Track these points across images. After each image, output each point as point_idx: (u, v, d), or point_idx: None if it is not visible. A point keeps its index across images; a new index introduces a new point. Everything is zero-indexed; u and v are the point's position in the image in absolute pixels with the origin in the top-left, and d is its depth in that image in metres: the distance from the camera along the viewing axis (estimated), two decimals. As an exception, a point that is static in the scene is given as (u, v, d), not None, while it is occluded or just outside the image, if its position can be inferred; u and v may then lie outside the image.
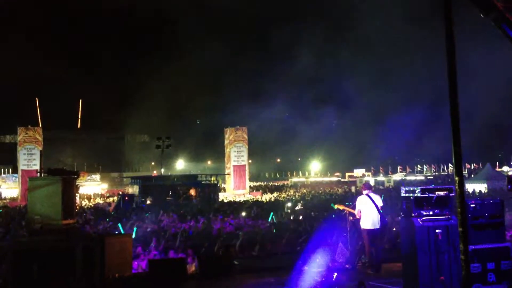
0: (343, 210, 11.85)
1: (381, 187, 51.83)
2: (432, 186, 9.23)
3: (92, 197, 45.49)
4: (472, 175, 51.26)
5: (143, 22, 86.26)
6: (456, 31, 5.21)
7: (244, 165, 48.75)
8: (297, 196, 39.21)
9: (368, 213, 10.79)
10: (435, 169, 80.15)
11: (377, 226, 10.81)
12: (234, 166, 48.21)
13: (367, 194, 11.03)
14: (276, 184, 67.89)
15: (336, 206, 12.77)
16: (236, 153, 48.69)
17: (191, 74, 76.28)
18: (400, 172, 78.02)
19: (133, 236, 14.37)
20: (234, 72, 79.55)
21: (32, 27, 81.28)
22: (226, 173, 49.60)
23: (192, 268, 10.59)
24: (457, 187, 4.85)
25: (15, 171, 52.85)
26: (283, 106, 66.10)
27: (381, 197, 11.56)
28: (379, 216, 10.81)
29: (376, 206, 10.81)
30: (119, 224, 17.23)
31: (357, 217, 11.07)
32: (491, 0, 5.55)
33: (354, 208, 11.42)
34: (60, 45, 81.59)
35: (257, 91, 72.65)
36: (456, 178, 4.82)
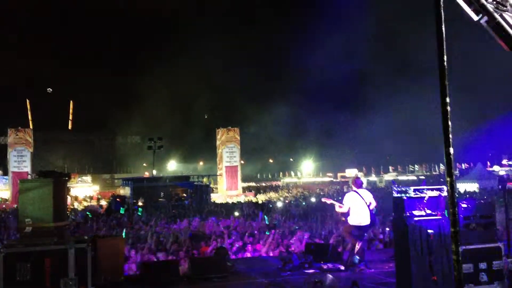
0: (331, 204, 11.82)
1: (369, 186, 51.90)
2: (424, 186, 9.26)
3: (81, 198, 45.21)
4: (464, 175, 51.51)
5: (135, 22, 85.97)
6: (446, 31, 5.22)
7: (236, 166, 48.68)
8: (290, 197, 39.28)
9: (356, 209, 10.77)
10: (426, 169, 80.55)
11: (366, 223, 10.79)
12: (226, 167, 48.14)
13: (355, 191, 11.00)
14: (268, 184, 67.89)
15: (324, 200, 12.80)
16: (228, 153, 48.62)
17: (183, 75, 76.12)
18: (392, 172, 78.32)
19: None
20: (227, 73, 79.49)
21: (22, 27, 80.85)
22: (218, 174, 49.54)
23: (184, 270, 10.55)
24: (448, 187, 4.86)
25: (5, 173, 52.51)
26: (275, 107, 66.17)
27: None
28: (369, 212, 10.78)
29: (366, 203, 10.79)
30: (123, 231, 17.13)
31: (345, 211, 10.98)
32: (481, 2, 5.57)
33: (341, 203, 11.32)
34: (50, 45, 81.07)
35: (250, 92, 72.65)
36: (448, 179, 4.83)
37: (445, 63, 4.80)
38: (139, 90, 76.42)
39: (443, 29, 4.81)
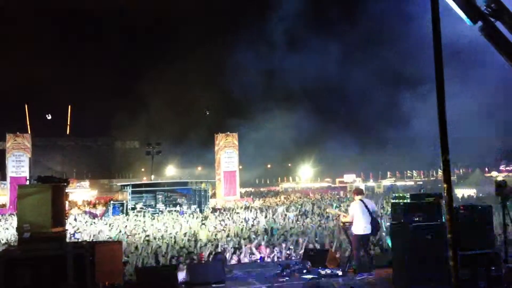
0: (337, 215, 11.88)
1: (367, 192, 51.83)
2: (422, 191, 9.31)
3: (81, 204, 45.15)
4: (462, 180, 51.57)
5: (135, 26, 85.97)
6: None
7: (235, 171, 48.64)
8: (287, 202, 39.26)
9: (361, 219, 10.80)
10: (424, 174, 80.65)
11: (369, 231, 10.86)
12: (224, 172, 48.08)
13: (360, 200, 11.06)
14: (267, 189, 67.87)
15: (328, 210, 12.82)
16: (227, 159, 48.57)
17: (182, 80, 76.26)
18: (390, 177, 78.39)
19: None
20: (226, 78, 79.57)
21: (19, 31, 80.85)
22: (216, 179, 49.49)
23: (182, 275, 10.56)
24: (445, 194, 4.91)
25: (3, 178, 52.39)
26: (274, 113, 66.24)
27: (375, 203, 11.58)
28: (372, 220, 10.82)
29: (369, 211, 10.85)
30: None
31: (350, 220, 11.07)
32: (478, 9, 5.64)
33: (346, 213, 11.44)
34: (49, 49, 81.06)
35: (249, 97, 72.72)
36: (445, 185, 4.88)
37: (443, 71, 4.86)
38: (138, 96, 76.62)
39: (440, 38, 4.87)
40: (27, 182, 13.29)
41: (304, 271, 10.99)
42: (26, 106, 75.36)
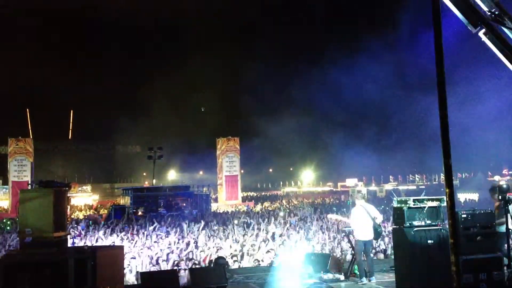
0: (338, 220, 11.85)
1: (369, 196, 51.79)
2: (424, 196, 9.28)
3: (83, 208, 45.19)
4: (464, 185, 51.48)
5: (136, 31, 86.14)
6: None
7: (236, 175, 48.62)
8: (288, 207, 39.21)
9: (362, 224, 10.73)
10: (426, 178, 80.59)
11: (371, 237, 10.79)
12: (226, 176, 48.06)
13: (361, 205, 10.99)
14: (269, 193, 67.84)
15: (330, 216, 12.79)
16: (228, 163, 48.56)
17: (184, 85, 76.31)
18: (392, 181, 78.31)
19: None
20: (228, 83, 79.70)
21: (20, 34, 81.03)
22: (218, 183, 49.49)
23: (184, 280, 10.54)
24: (447, 198, 4.89)
25: (5, 182, 52.45)
26: (276, 117, 66.28)
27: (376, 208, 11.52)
28: (373, 225, 10.76)
29: (371, 216, 10.77)
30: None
31: (351, 227, 11.04)
32: (480, 14, 5.64)
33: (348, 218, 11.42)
34: (50, 54, 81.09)
35: (251, 101, 72.81)
36: (447, 190, 4.87)
37: (444, 76, 4.85)
38: (140, 100, 76.68)
39: (442, 42, 4.87)
40: (29, 187, 13.27)
41: (306, 275, 10.97)
42: (27, 110, 75.55)
